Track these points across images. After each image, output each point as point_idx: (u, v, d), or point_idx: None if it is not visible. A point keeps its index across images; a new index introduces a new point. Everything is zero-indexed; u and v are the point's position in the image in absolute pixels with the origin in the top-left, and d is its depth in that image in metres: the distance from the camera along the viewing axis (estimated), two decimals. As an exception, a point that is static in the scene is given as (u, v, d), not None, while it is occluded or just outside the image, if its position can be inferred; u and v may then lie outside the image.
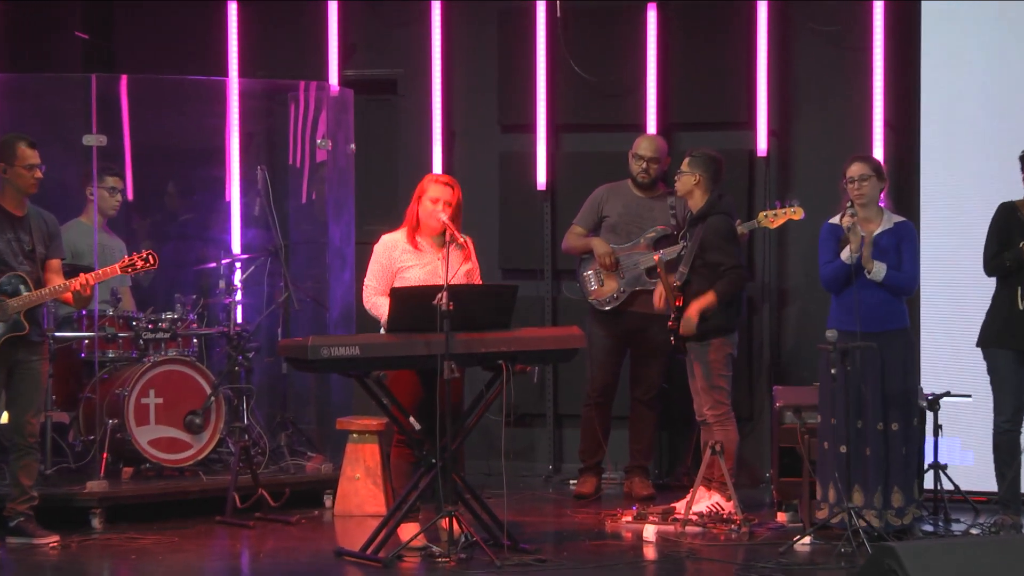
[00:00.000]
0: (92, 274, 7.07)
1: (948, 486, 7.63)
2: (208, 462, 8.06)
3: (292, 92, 8.84)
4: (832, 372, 6.81)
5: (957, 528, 7.42)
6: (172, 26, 9.44)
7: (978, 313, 7.38)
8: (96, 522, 7.47)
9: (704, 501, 7.55)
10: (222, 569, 6.98)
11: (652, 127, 8.86)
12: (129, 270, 7.17)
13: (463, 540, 6.56)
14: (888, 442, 6.96)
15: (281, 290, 8.41)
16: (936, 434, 7.52)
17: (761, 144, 8.77)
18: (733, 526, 7.33)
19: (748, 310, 8.57)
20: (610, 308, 8.26)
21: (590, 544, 7.15)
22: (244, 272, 8.56)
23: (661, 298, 7.70)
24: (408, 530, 6.79)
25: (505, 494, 6.89)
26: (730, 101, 8.87)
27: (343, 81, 9.27)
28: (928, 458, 7.47)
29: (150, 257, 7.16)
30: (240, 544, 7.30)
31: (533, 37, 9.04)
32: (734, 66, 8.86)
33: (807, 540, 6.94)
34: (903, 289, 7.09)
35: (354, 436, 7.92)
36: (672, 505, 7.70)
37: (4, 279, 6.95)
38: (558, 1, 8.97)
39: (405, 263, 6.99)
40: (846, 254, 6.98)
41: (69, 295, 7.03)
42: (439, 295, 6.45)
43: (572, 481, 8.65)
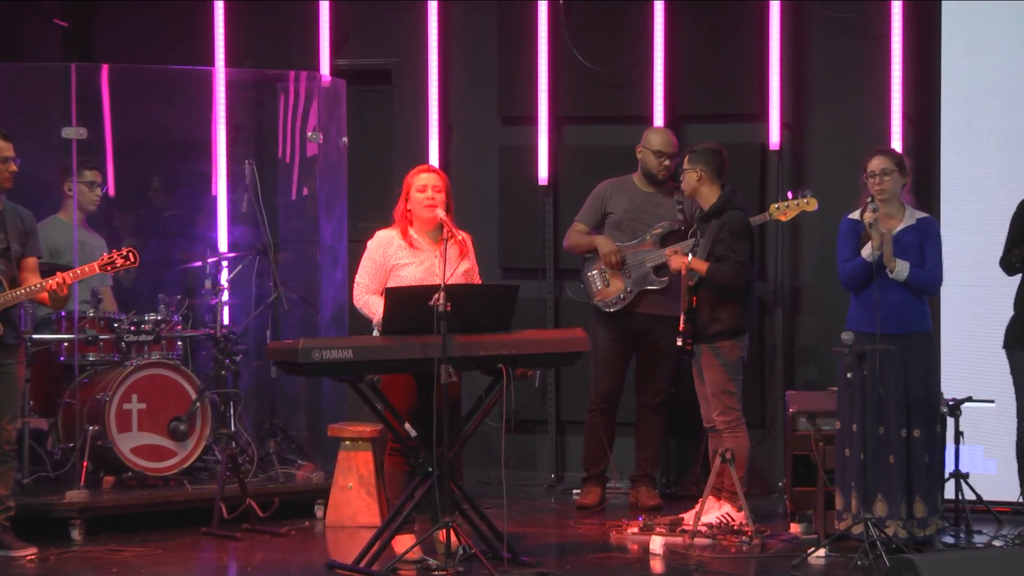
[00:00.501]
0: (69, 273, 7.05)
1: (970, 496, 7.62)
2: (193, 471, 8.06)
3: (282, 83, 8.83)
4: (848, 376, 6.80)
5: (979, 540, 7.41)
6: (155, 13, 9.44)
7: (1001, 314, 7.37)
8: (76, 534, 7.46)
9: (714, 511, 7.55)
10: (208, 583, 6.99)
11: (659, 119, 8.85)
12: (108, 268, 7.15)
13: (461, 553, 6.56)
14: (911, 449, 6.95)
15: (270, 290, 8.40)
16: (957, 441, 7.51)
17: (773, 137, 8.77)
18: (744, 538, 7.32)
19: (760, 311, 8.56)
20: (616, 309, 8.26)
21: (594, 557, 7.14)
22: (231, 271, 8.56)
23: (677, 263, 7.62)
24: (403, 542, 6.78)
25: (505, 504, 6.87)
26: (741, 92, 8.87)
27: (335, 71, 9.26)
28: (949, 466, 7.46)
29: (130, 255, 7.15)
30: (227, 557, 7.29)
31: (535, 25, 9.03)
32: (745, 55, 8.85)
33: (822, 552, 6.94)
34: (927, 289, 7.09)
35: (347, 443, 7.92)
36: (680, 516, 7.70)
37: (-23, 278, 6.95)
38: (561, -13, 9.00)
39: (400, 261, 6.98)
40: (867, 251, 6.97)
41: (45, 295, 7.02)
42: (436, 295, 6.44)
43: (575, 491, 8.65)
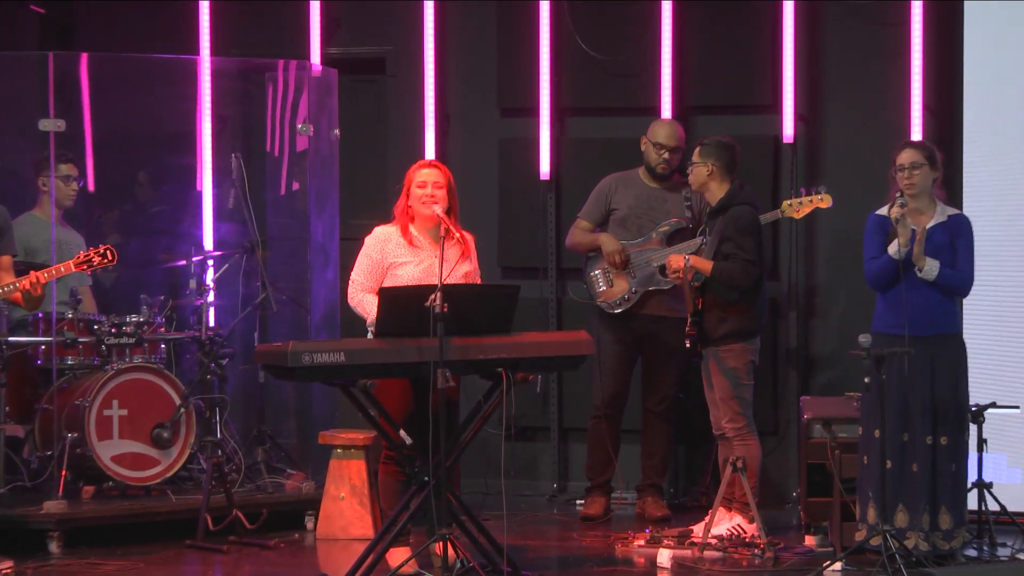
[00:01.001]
0: (44, 272, 7.04)
1: (993, 506, 7.60)
2: (177, 480, 8.06)
3: (270, 72, 8.82)
4: (866, 381, 6.80)
5: (1003, 553, 7.40)
6: (138, -1, 9.44)
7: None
8: (54, 546, 7.46)
9: (724, 523, 7.54)
10: (192, 598, 6.99)
11: (667, 111, 8.84)
12: (85, 267, 7.15)
13: (458, 566, 6.55)
14: (936, 457, 6.94)
15: (258, 290, 8.40)
16: (980, 449, 7.49)
17: (787, 129, 8.76)
18: (756, 551, 7.32)
19: (772, 312, 8.55)
20: (620, 310, 8.25)
21: (599, 571, 7.14)
22: (217, 271, 8.55)
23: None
24: (398, 555, 6.77)
25: (505, 515, 6.87)
26: (753, 82, 8.86)
27: (326, 60, 9.25)
28: (971, 475, 7.45)
29: (108, 253, 7.14)
30: (212, 570, 7.29)
31: (536, 11, 9.02)
32: (758, 43, 8.85)
33: (838, 566, 6.94)
34: (957, 289, 7.07)
35: (338, 451, 7.91)
36: (689, 527, 7.69)
37: (-51, 278, 6.94)
38: (563, -28, 8.99)
39: (398, 259, 6.96)
40: (894, 249, 6.95)
41: (19, 296, 7.00)
42: (432, 295, 6.43)
43: (579, 501, 8.64)
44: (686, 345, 7.59)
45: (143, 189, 9.15)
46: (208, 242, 8.90)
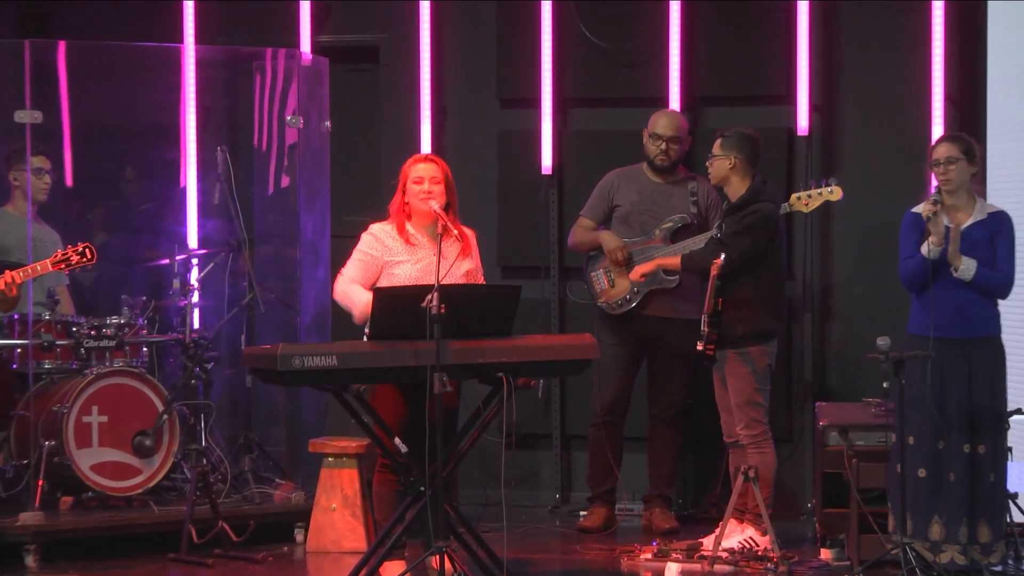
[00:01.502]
0: (18, 272, 7.05)
1: (1019, 518, 7.59)
2: (160, 490, 8.05)
3: (257, 61, 8.82)
4: (885, 386, 6.79)
5: (1031, 567, 7.41)
6: (118, -16, 9.44)
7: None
8: (30, 559, 7.45)
9: (736, 535, 7.54)
10: (176, 615, 6.99)
11: (675, 102, 8.84)
12: (62, 266, 7.15)
13: (456, 581, 6.55)
14: (974, 467, 6.93)
15: (245, 291, 8.39)
16: (1005, 458, 7.48)
17: (802, 121, 8.77)
18: (769, 564, 7.32)
19: (786, 313, 8.53)
20: (622, 311, 8.25)
21: (604, 586, 7.15)
22: (202, 270, 8.55)
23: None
24: (392, 569, 6.77)
25: (505, 528, 6.86)
26: (766, 71, 8.86)
27: (317, 48, 9.25)
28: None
29: (86, 251, 7.14)
30: (197, 586, 7.29)
31: (537, -3, 9.05)
32: (771, 31, 8.85)
33: (856, 581, 6.94)
34: (995, 290, 7.05)
35: (330, 460, 7.91)
36: (699, 540, 7.70)
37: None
38: (566, -45, 8.99)
39: (395, 258, 6.95)
40: (927, 248, 6.95)
41: (-8, 296, 7.01)
42: (429, 296, 6.42)
43: (583, 512, 8.64)
44: (698, 347, 7.58)
45: (130, 185, 9.14)
46: (192, 240, 8.91)
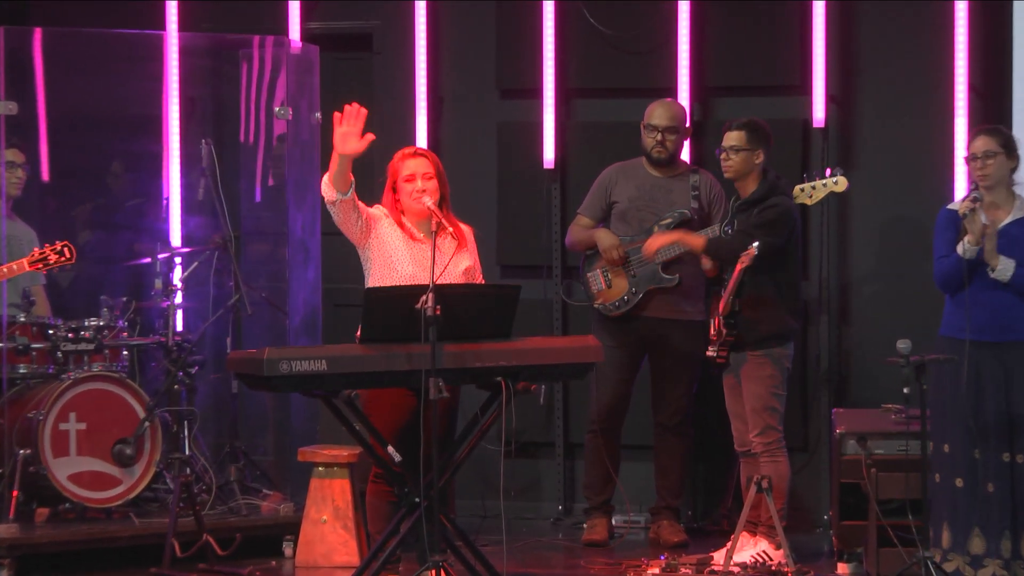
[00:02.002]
0: (-7, 272, 7.06)
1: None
2: (141, 501, 8.06)
3: (244, 49, 8.82)
4: (905, 391, 6.79)
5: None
6: (98, -31, 9.44)
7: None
8: (4, 574, 7.43)
9: (748, 549, 7.54)
10: (158, 633, 6.99)
11: (684, 92, 8.84)
12: (39, 266, 7.14)
13: (453, 597, 6.55)
14: (1015, 477, 6.92)
15: (230, 291, 8.39)
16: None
17: (818, 112, 8.76)
18: (784, 580, 7.33)
19: (804, 315, 8.53)
20: (620, 313, 8.24)
21: (609, 602, 7.15)
22: (185, 269, 8.54)
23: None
24: (386, 585, 6.76)
25: (504, 541, 6.87)
26: (780, 60, 8.86)
27: (306, 36, 9.24)
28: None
29: (65, 250, 7.15)
30: (180, 602, 7.30)
31: (539, -18, 9.05)
32: (785, 17, 8.85)
33: (875, 597, 6.94)
34: None
35: (320, 470, 7.90)
36: (709, 554, 7.69)
37: None
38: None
39: (397, 253, 6.91)
40: (963, 247, 6.93)
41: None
42: (423, 297, 6.41)
43: (586, 525, 8.62)
44: (708, 353, 7.56)
45: (116, 180, 9.13)
46: (176, 238, 8.90)
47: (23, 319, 7.97)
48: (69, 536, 7.70)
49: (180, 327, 8.46)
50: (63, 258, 7.19)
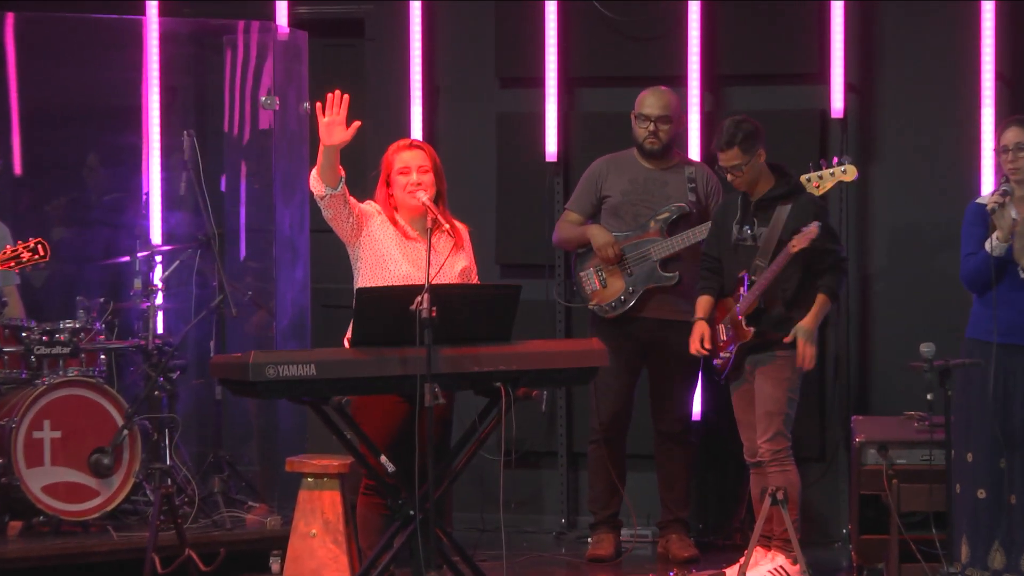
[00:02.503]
0: (-38, 271, 7.06)
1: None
2: (120, 514, 8.06)
3: (228, 35, 8.83)
4: (929, 398, 6.78)
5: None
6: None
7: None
8: (-26, 592, 7.46)
9: (764, 564, 7.54)
10: (137, 653, 6.98)
11: (694, 81, 8.84)
12: (12, 264, 7.13)
13: (450, 616, 6.54)
14: None
15: (214, 292, 8.38)
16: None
17: (836, 102, 8.76)
18: (800, 597, 7.33)
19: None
20: (617, 314, 8.22)
21: (615, 621, 7.16)
22: (166, 268, 8.55)
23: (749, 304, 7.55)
24: (378, 602, 6.76)
25: (504, 556, 6.87)
26: (796, 47, 8.87)
27: (294, 21, 9.24)
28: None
29: (39, 247, 7.15)
30: (161, 621, 7.28)
31: (541, -36, 9.05)
32: (801, 1, 8.84)
33: (896, 615, 6.94)
34: None
35: (309, 481, 7.88)
36: (722, 570, 7.71)
37: None
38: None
39: (390, 252, 6.90)
40: (991, 244, 6.92)
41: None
42: (418, 298, 6.40)
43: (590, 539, 8.61)
44: (717, 362, 7.56)
45: (92, 173, 9.13)
46: (156, 235, 8.91)
47: (-6, 321, 7.99)
48: (43, 551, 7.70)
49: (161, 329, 8.47)
50: (37, 256, 7.19)
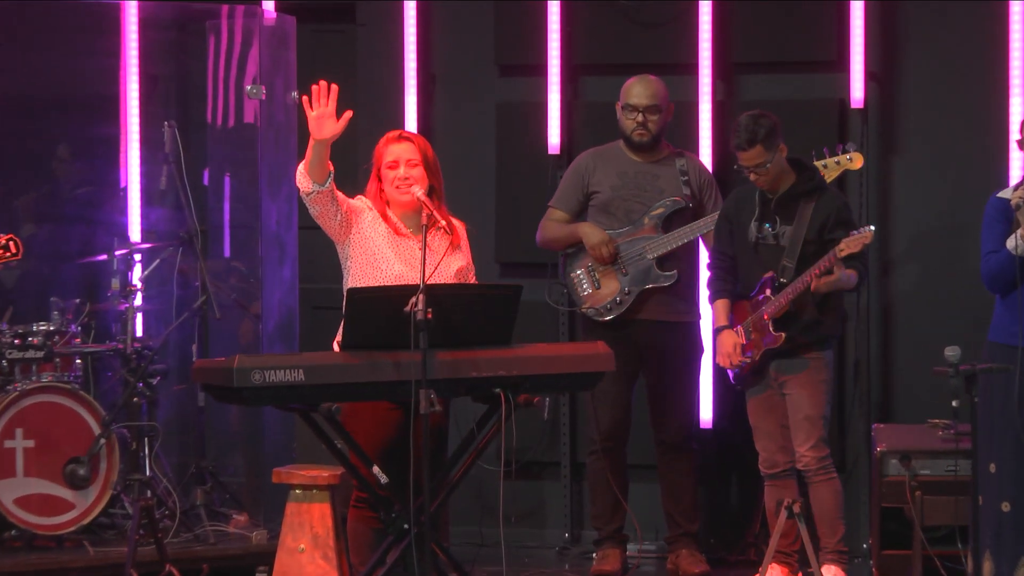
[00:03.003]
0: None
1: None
2: (97, 528, 8.08)
3: (212, 20, 8.83)
4: (954, 404, 6.76)
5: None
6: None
7: None
8: (-58, 611, 7.45)
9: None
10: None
11: (706, 69, 8.85)
12: (-19, 262, 7.15)
13: (446, 636, 6.54)
14: None
15: (197, 292, 8.38)
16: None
17: (856, 91, 8.76)
18: (818, 616, 7.32)
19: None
20: (612, 317, 8.21)
21: (621, 641, 7.15)
22: (146, 268, 8.55)
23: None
24: (371, 622, 6.74)
25: (504, 571, 6.88)
26: (814, 33, 8.88)
27: (282, 5, 9.24)
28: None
29: (11, 243, 7.17)
30: (140, 641, 7.28)
31: (543, -54, 9.04)
32: (819, -15, 8.86)
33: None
34: None
35: (297, 493, 7.86)
36: (735, 587, 7.70)
37: None
38: None
39: (381, 251, 6.89)
40: (1012, 241, 6.91)
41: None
42: (413, 299, 6.39)
43: (595, 555, 8.60)
44: (743, 369, 7.56)
45: (63, 166, 9.13)
46: (135, 232, 8.92)
47: (-37, 324, 8.00)
48: (14, 567, 7.71)
49: (140, 332, 8.49)
50: (8, 253, 7.20)
